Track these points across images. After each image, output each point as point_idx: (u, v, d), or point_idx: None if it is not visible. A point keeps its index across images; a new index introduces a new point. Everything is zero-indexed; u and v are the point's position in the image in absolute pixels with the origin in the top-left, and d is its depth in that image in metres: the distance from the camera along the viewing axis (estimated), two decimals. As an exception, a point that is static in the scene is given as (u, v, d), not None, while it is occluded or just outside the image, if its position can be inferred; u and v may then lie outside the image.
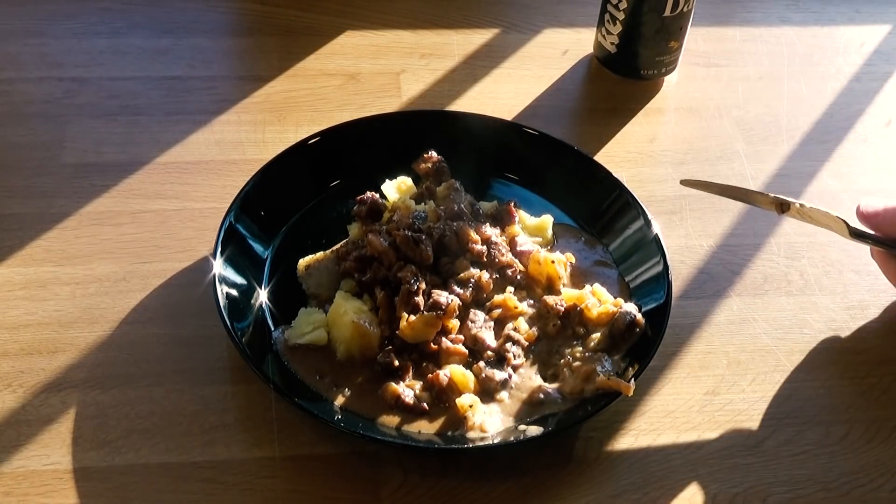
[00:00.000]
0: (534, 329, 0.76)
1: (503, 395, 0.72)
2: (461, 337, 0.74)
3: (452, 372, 0.71)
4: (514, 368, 0.73)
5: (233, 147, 0.91)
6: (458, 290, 0.75)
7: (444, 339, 0.73)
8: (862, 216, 0.76)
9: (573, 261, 0.80)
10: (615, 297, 0.77)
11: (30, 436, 0.68)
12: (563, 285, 0.79)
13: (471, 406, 0.70)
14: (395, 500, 0.67)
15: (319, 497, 0.67)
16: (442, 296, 0.73)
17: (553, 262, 0.78)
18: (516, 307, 0.76)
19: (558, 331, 0.75)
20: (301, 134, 0.87)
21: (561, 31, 1.08)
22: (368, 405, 0.70)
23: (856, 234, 0.74)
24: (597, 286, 0.78)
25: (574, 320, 0.76)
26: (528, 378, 0.73)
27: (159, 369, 0.73)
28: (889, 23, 1.14)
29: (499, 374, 0.72)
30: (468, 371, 0.72)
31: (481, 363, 0.73)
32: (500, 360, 0.74)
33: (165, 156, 0.89)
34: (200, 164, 0.89)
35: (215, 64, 1.01)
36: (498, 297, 0.76)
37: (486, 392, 0.72)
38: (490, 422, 0.70)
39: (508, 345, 0.74)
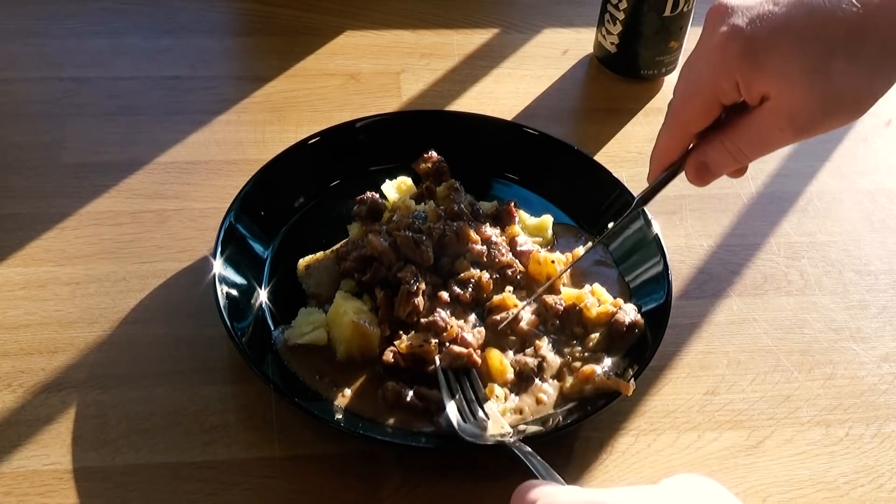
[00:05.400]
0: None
1: (545, 386, 0.72)
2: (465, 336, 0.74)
3: (490, 357, 0.71)
4: (543, 358, 0.73)
5: (233, 147, 0.91)
6: (457, 290, 0.75)
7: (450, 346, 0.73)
8: None
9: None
10: (615, 297, 0.77)
11: (30, 436, 0.68)
12: (563, 285, 0.79)
13: (496, 397, 0.70)
14: (395, 500, 0.67)
15: (319, 497, 0.67)
16: (439, 314, 0.73)
17: (553, 261, 0.78)
18: (516, 306, 0.76)
19: (557, 330, 0.75)
20: (301, 134, 0.87)
21: (561, 31, 1.08)
22: (368, 405, 0.70)
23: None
24: (596, 286, 0.78)
25: (573, 320, 0.76)
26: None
27: (159, 369, 0.73)
28: (889, 23, 1.14)
29: (531, 360, 0.72)
30: (505, 359, 0.72)
31: (509, 352, 0.73)
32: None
33: (165, 156, 0.89)
34: (200, 164, 0.89)
35: (215, 64, 1.01)
36: (497, 297, 0.76)
37: (522, 378, 0.72)
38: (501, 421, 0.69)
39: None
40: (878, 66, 0.54)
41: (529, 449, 0.64)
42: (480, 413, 0.69)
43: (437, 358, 0.72)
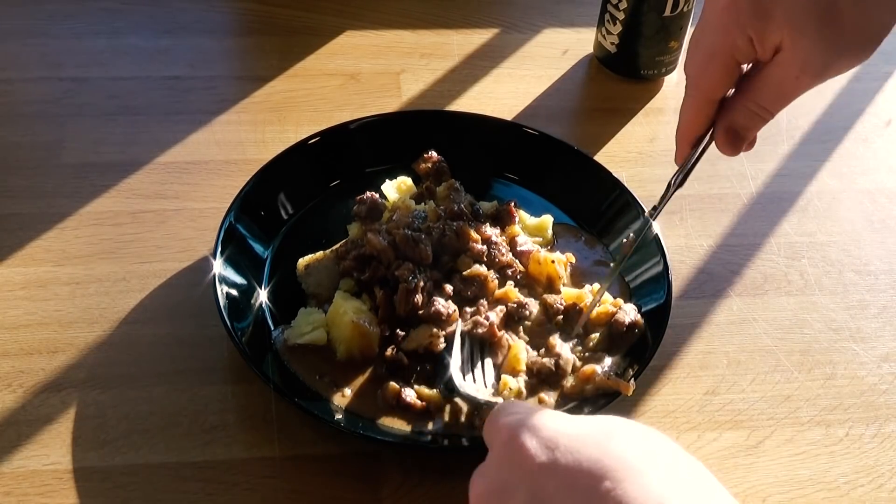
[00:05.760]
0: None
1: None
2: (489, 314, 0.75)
3: (511, 349, 0.72)
4: (559, 356, 0.73)
5: (233, 147, 0.91)
6: (460, 286, 0.75)
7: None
8: None
9: (573, 260, 0.80)
10: (615, 297, 0.77)
11: (30, 436, 0.68)
12: (563, 284, 0.79)
13: (510, 389, 0.70)
14: (395, 500, 0.67)
15: (319, 497, 0.67)
16: (439, 303, 0.73)
17: (553, 261, 0.78)
18: (518, 300, 0.76)
19: (560, 329, 0.75)
20: (301, 134, 0.87)
21: (561, 31, 1.08)
22: (368, 405, 0.70)
23: None
24: (597, 286, 0.78)
25: (573, 319, 0.76)
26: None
27: (159, 369, 0.73)
28: (889, 23, 1.14)
29: (546, 360, 0.73)
30: (524, 353, 0.73)
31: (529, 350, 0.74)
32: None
33: (165, 156, 0.90)
34: (200, 164, 0.89)
35: (215, 64, 1.01)
36: (500, 291, 0.76)
37: (541, 378, 0.72)
38: None
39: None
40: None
41: None
42: (482, 379, 0.70)
43: (458, 321, 0.73)
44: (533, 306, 0.76)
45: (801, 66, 0.57)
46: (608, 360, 0.73)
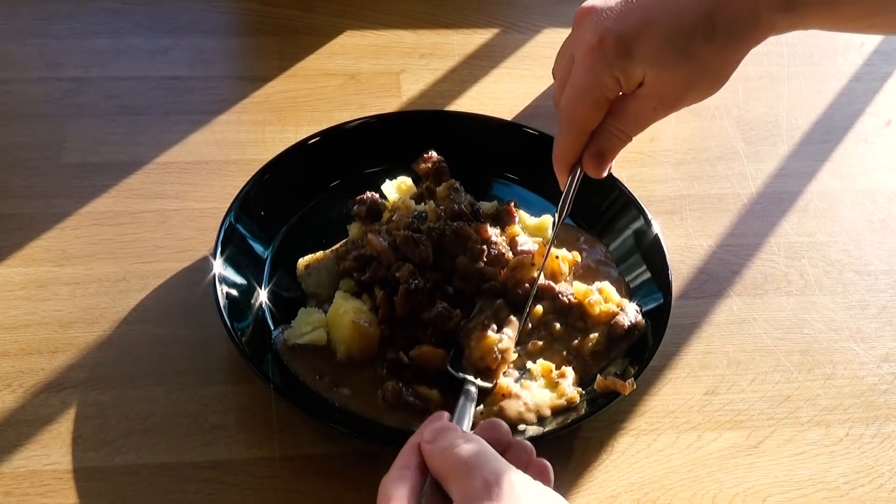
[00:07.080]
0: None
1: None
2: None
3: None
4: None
5: (233, 147, 0.91)
6: (461, 285, 0.76)
7: None
8: None
9: (579, 259, 0.80)
10: (620, 298, 0.77)
11: (30, 436, 0.68)
12: (565, 281, 0.78)
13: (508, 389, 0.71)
14: (395, 500, 0.67)
15: (319, 497, 0.67)
16: (442, 306, 0.73)
17: (557, 257, 0.78)
18: (533, 275, 0.76)
19: (565, 332, 0.76)
20: (301, 134, 0.87)
21: (561, 31, 1.08)
22: (368, 405, 0.70)
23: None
24: (606, 284, 0.78)
25: (576, 314, 0.76)
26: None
27: (159, 369, 0.73)
28: (889, 23, 1.14)
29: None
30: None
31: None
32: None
33: (165, 156, 0.90)
34: (200, 164, 0.89)
35: (215, 64, 1.01)
36: (514, 260, 0.77)
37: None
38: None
39: None
40: (732, 39, 0.60)
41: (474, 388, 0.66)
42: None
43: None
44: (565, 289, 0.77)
45: (659, 98, 0.63)
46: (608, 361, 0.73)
